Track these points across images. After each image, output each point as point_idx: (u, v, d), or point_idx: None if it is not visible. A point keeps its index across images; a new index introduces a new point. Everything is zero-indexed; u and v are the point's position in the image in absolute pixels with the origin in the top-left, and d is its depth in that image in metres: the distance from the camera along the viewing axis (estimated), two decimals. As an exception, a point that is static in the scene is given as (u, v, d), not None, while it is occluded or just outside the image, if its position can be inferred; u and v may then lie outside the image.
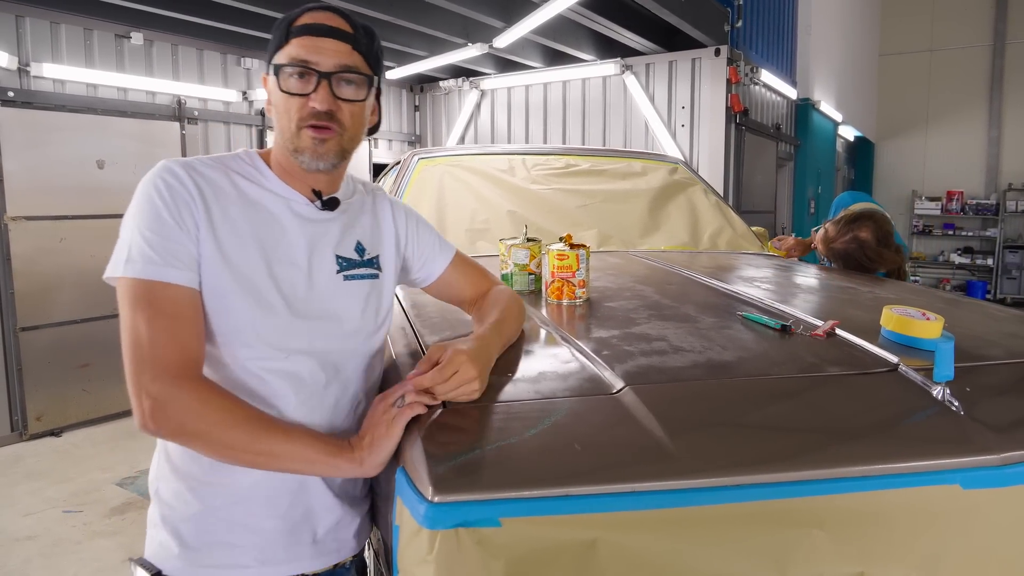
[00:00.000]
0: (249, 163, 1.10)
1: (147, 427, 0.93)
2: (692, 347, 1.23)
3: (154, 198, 0.98)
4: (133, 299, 0.95)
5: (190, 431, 0.93)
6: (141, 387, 0.92)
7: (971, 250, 11.42)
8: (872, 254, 2.28)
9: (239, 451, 0.95)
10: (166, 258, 0.96)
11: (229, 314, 1.00)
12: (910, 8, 11.77)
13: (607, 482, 0.86)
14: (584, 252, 1.52)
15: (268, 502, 1.05)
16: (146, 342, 0.93)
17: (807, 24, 7.63)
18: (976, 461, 0.95)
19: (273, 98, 1.05)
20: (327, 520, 1.11)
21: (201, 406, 0.93)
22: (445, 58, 5.94)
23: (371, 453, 0.98)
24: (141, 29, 5.01)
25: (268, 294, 1.02)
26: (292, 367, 1.04)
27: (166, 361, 0.93)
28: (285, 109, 1.03)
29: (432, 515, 0.82)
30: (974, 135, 11.43)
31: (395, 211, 1.24)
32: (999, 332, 1.47)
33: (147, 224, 0.97)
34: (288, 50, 1.02)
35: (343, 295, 1.10)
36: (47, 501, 3.66)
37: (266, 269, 1.03)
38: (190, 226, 0.98)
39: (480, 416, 1.00)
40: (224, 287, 1.00)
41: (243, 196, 1.05)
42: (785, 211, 7.53)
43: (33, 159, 4.48)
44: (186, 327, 0.96)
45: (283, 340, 1.03)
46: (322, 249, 1.09)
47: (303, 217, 1.08)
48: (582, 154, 2.86)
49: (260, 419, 0.97)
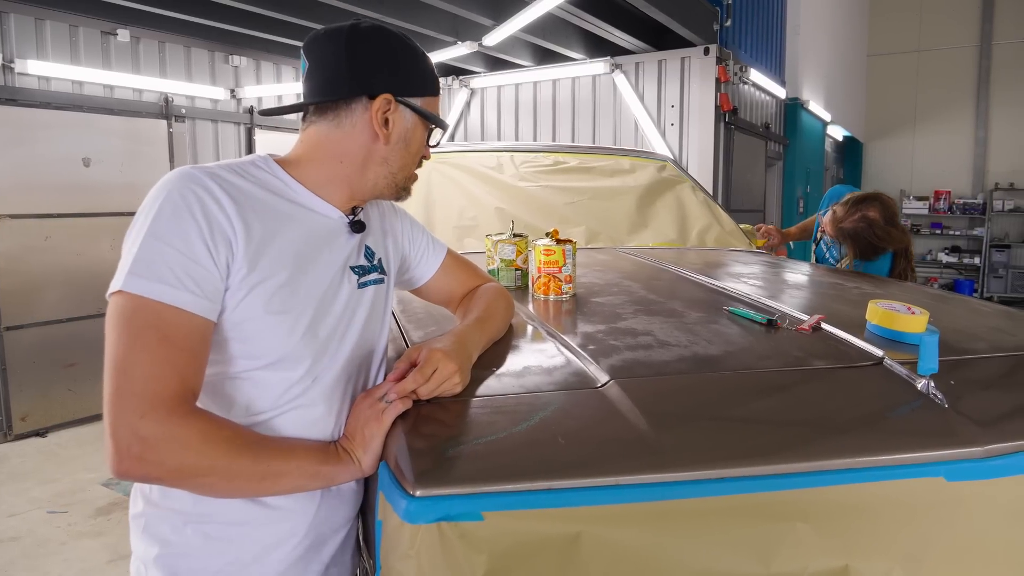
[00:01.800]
0: (271, 173, 1.02)
1: (130, 473, 0.81)
2: (678, 341, 1.23)
3: (182, 212, 0.87)
4: (132, 321, 0.83)
5: (189, 471, 0.84)
6: (126, 426, 0.80)
7: (959, 249, 11.51)
8: (881, 232, 2.38)
9: (243, 480, 0.88)
10: (184, 281, 0.85)
11: (270, 340, 0.93)
12: (898, 9, 11.84)
13: (591, 475, 0.86)
14: (570, 248, 1.52)
15: (278, 527, 0.99)
16: (140, 373, 0.82)
17: (796, 24, 7.66)
18: (960, 453, 0.95)
19: (409, 136, 1.06)
20: (335, 541, 1.06)
21: (202, 442, 0.84)
22: (434, 56, 5.91)
23: (366, 452, 0.96)
24: (128, 26, 4.97)
25: (312, 320, 0.97)
26: (322, 384, 1.00)
27: (161, 395, 0.82)
28: (414, 153, 1.09)
29: (413, 510, 0.82)
30: (961, 135, 11.51)
31: (390, 212, 1.23)
32: (984, 326, 1.48)
33: (167, 239, 0.86)
34: (436, 105, 1.09)
35: (363, 304, 1.07)
36: (32, 502, 3.62)
37: (307, 294, 0.97)
38: (223, 255, 0.89)
39: (464, 410, 0.99)
40: (259, 313, 0.92)
41: (277, 212, 0.98)
42: (774, 210, 7.56)
43: (18, 157, 4.43)
44: (191, 360, 0.86)
45: (320, 364, 0.99)
46: (345, 265, 1.06)
47: (333, 233, 1.05)
48: (570, 151, 2.85)
49: (259, 441, 0.92)
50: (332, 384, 1.02)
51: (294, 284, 0.96)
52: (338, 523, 1.06)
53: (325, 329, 1.00)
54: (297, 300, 0.96)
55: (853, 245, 2.44)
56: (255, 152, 1.12)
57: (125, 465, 0.81)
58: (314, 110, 1.04)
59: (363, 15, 4.66)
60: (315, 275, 1.00)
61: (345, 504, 1.05)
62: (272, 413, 0.97)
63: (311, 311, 0.98)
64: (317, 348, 0.98)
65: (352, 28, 1.03)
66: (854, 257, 2.50)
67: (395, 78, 1.03)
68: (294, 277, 0.96)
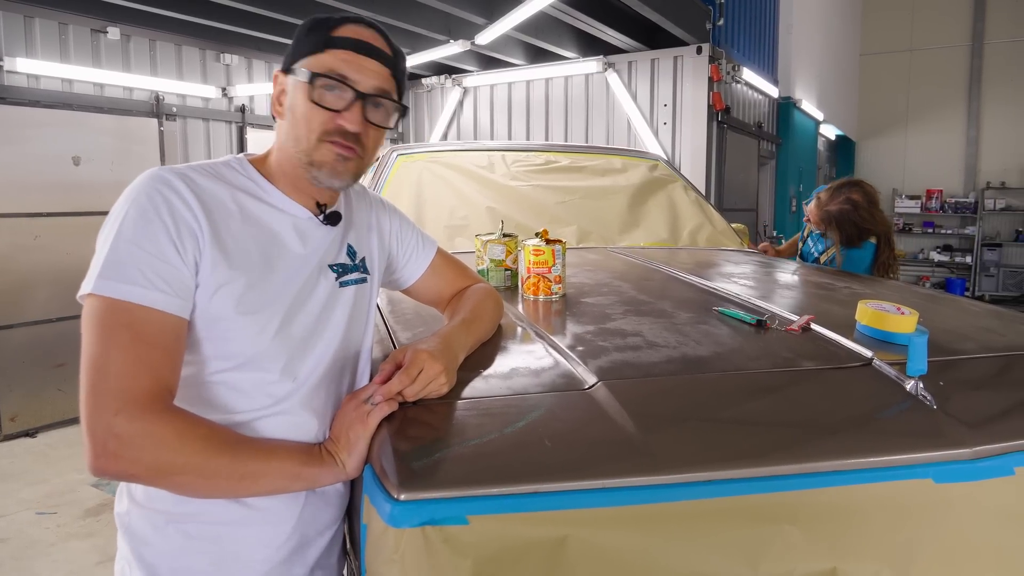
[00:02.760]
0: (243, 173, 1.01)
1: (106, 470, 0.81)
2: (667, 342, 1.22)
3: (149, 213, 0.88)
4: (105, 322, 0.84)
5: (165, 468, 0.84)
6: (102, 423, 0.81)
7: (950, 248, 11.55)
8: (865, 214, 2.52)
9: (221, 479, 0.87)
10: (154, 280, 0.86)
11: (241, 341, 0.93)
12: (890, 7, 11.88)
13: (577, 478, 0.85)
14: (560, 248, 1.51)
15: (261, 529, 0.98)
16: (114, 371, 0.82)
17: (789, 23, 7.68)
18: (948, 455, 0.95)
19: (294, 103, 0.98)
20: (320, 544, 1.05)
21: (177, 439, 0.84)
22: (427, 55, 5.90)
23: (350, 455, 0.95)
24: (118, 24, 4.94)
25: (284, 320, 0.96)
26: (299, 385, 0.99)
27: (135, 392, 0.82)
28: (307, 119, 0.97)
29: (397, 514, 0.81)
30: (953, 134, 11.56)
31: (379, 210, 1.21)
32: (974, 326, 1.48)
33: (136, 240, 0.86)
34: (325, 60, 0.96)
35: (341, 303, 1.06)
36: (21, 503, 3.59)
37: (277, 293, 0.96)
38: (190, 252, 0.89)
39: (450, 413, 0.98)
40: (230, 313, 0.92)
41: (246, 213, 0.97)
42: (767, 209, 7.57)
43: (7, 155, 4.39)
44: (165, 358, 0.86)
45: (296, 364, 0.98)
46: (323, 263, 1.04)
47: (305, 233, 1.03)
48: (562, 150, 2.84)
49: (239, 441, 0.91)
50: (315, 385, 1.01)
51: (263, 284, 0.95)
52: (323, 525, 1.05)
53: (300, 328, 0.99)
54: (267, 299, 0.95)
55: (839, 228, 2.54)
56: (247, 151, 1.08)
57: (102, 462, 0.81)
58: None
59: (354, 13, 4.64)
60: (286, 274, 0.99)
61: (330, 506, 1.05)
62: (254, 415, 0.96)
63: (283, 310, 0.97)
64: (292, 347, 0.98)
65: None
66: (840, 243, 2.56)
67: (289, 56, 1.01)
68: (263, 277, 0.96)
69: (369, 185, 2.64)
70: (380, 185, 2.48)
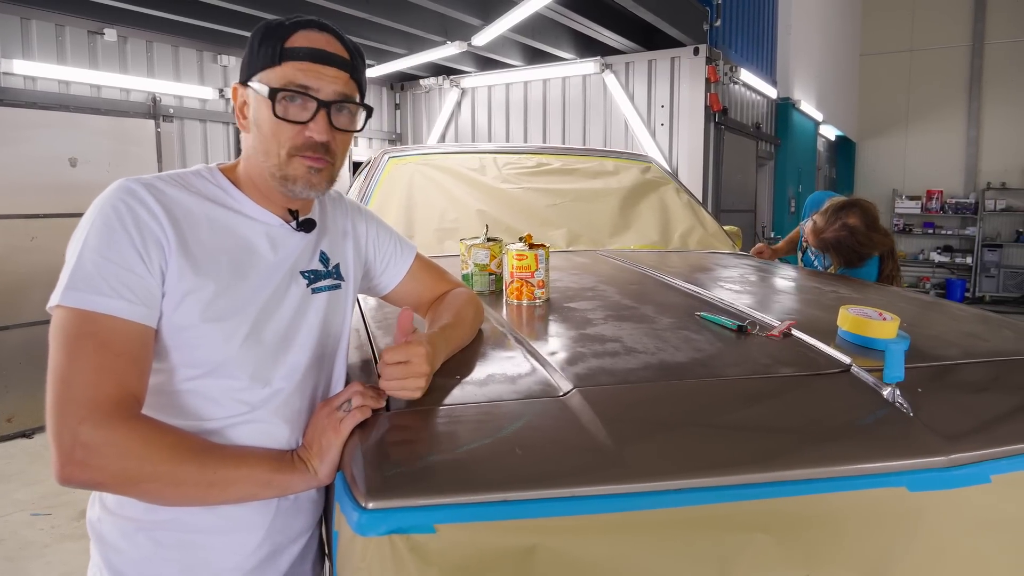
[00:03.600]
0: (213, 182, 1.02)
1: (73, 478, 0.82)
2: (645, 348, 1.22)
3: (114, 223, 0.89)
4: (70, 332, 0.85)
5: (132, 476, 0.84)
6: (67, 432, 0.81)
7: (951, 248, 11.54)
8: (863, 239, 2.34)
9: (189, 486, 0.87)
10: (119, 289, 0.86)
11: (208, 348, 0.93)
12: (890, 8, 11.86)
13: (547, 487, 0.85)
14: (543, 252, 1.51)
15: (232, 537, 0.98)
16: (80, 380, 0.83)
17: (787, 24, 7.67)
18: (923, 463, 0.94)
19: (259, 118, 0.97)
20: (292, 551, 1.05)
21: (144, 447, 0.84)
22: (424, 56, 5.91)
23: (322, 462, 0.95)
24: (115, 25, 4.94)
25: (253, 326, 0.96)
26: (272, 393, 0.99)
27: (101, 401, 0.83)
28: (275, 134, 0.96)
29: (364, 522, 0.81)
30: (953, 134, 11.54)
31: (355, 217, 1.20)
32: (958, 332, 1.47)
33: (101, 250, 0.87)
34: (284, 73, 0.95)
35: (313, 310, 1.05)
36: (15, 504, 3.59)
37: (247, 300, 0.96)
38: (156, 261, 0.90)
39: (423, 421, 0.98)
40: (196, 321, 0.92)
41: (214, 222, 0.97)
42: (766, 210, 7.56)
43: (4, 157, 4.40)
44: (131, 367, 0.87)
45: (267, 370, 0.98)
46: (294, 270, 1.04)
47: (277, 240, 1.03)
48: (554, 153, 2.84)
49: (208, 448, 0.91)
50: (290, 392, 1.01)
51: (231, 292, 0.95)
52: (296, 532, 1.04)
53: (270, 334, 0.99)
54: (235, 307, 0.95)
55: (836, 255, 2.40)
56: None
57: (68, 470, 0.82)
58: None
59: (348, 14, 4.64)
60: (256, 281, 0.99)
61: (303, 513, 1.04)
62: (225, 422, 0.96)
63: (252, 317, 0.97)
64: (261, 354, 0.97)
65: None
66: (840, 266, 2.49)
67: (245, 67, 1.00)
68: (231, 285, 0.96)
69: (360, 187, 2.64)
70: (371, 188, 2.48)
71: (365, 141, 7.22)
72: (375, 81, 7.15)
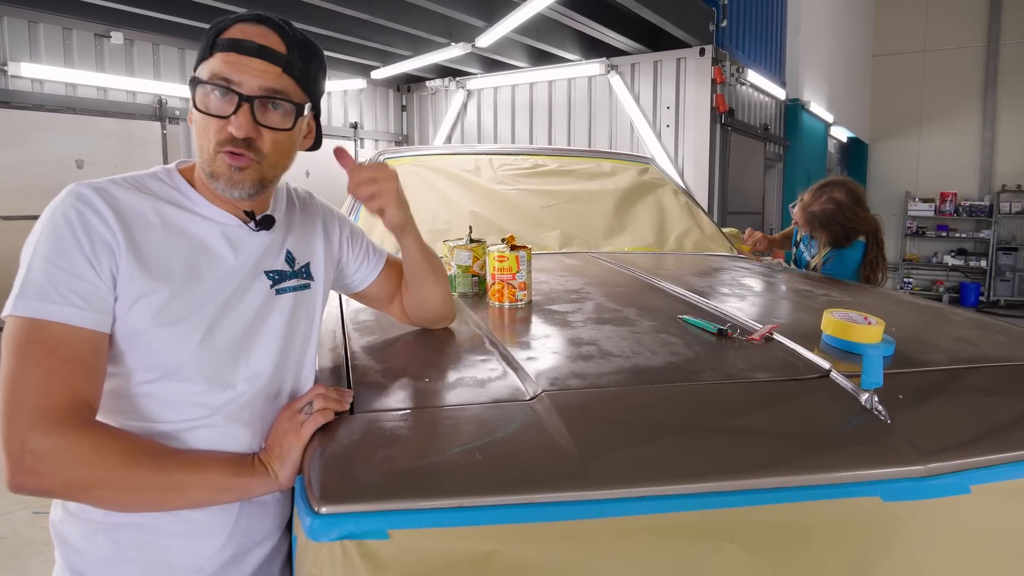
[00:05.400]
0: (170, 184, 1.00)
1: (24, 486, 0.81)
2: (621, 352, 1.20)
3: (63, 230, 0.88)
4: (20, 340, 0.84)
5: (83, 483, 0.83)
6: (16, 439, 0.81)
7: (965, 252, 11.38)
8: (849, 213, 2.45)
9: (144, 492, 0.87)
10: (68, 296, 0.86)
11: (162, 352, 0.92)
12: (904, 8, 11.73)
13: (504, 492, 0.83)
14: (524, 254, 1.49)
15: (193, 540, 0.96)
16: (28, 388, 0.82)
17: (796, 24, 7.60)
18: (898, 472, 0.92)
19: (192, 112, 0.96)
20: (259, 554, 1.03)
21: (95, 453, 0.83)
22: (429, 58, 5.91)
23: (283, 465, 0.94)
24: (121, 28, 4.99)
25: (208, 329, 0.95)
26: (234, 396, 0.98)
27: (50, 408, 0.82)
28: (203, 128, 0.94)
29: (316, 527, 0.80)
30: (968, 136, 11.39)
31: (327, 217, 1.19)
32: (949, 337, 1.44)
33: (50, 258, 0.86)
34: (211, 64, 0.93)
35: (278, 310, 1.04)
36: (18, 502, 3.62)
37: (201, 303, 0.95)
38: (106, 266, 0.89)
39: (386, 424, 0.96)
40: (148, 325, 0.91)
41: (168, 224, 0.96)
42: (774, 212, 7.50)
43: (11, 159, 4.46)
44: (82, 373, 0.86)
45: (226, 374, 0.97)
46: (257, 270, 1.03)
47: (236, 240, 1.01)
48: (550, 154, 2.82)
49: (164, 453, 0.90)
50: (251, 396, 1.00)
51: (185, 295, 0.94)
52: (262, 535, 1.03)
53: (226, 337, 0.97)
54: (190, 310, 0.94)
55: (823, 229, 2.49)
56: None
57: (19, 479, 0.81)
58: None
59: (353, 16, 4.65)
60: (214, 283, 0.97)
61: (267, 516, 1.03)
62: (182, 425, 0.95)
63: (207, 320, 0.95)
64: (218, 357, 0.96)
65: None
66: (827, 244, 2.52)
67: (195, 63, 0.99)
68: (185, 287, 0.94)
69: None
70: (365, 189, 2.47)
71: (371, 143, 7.23)
72: (381, 83, 7.16)
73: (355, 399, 1.02)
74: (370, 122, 7.22)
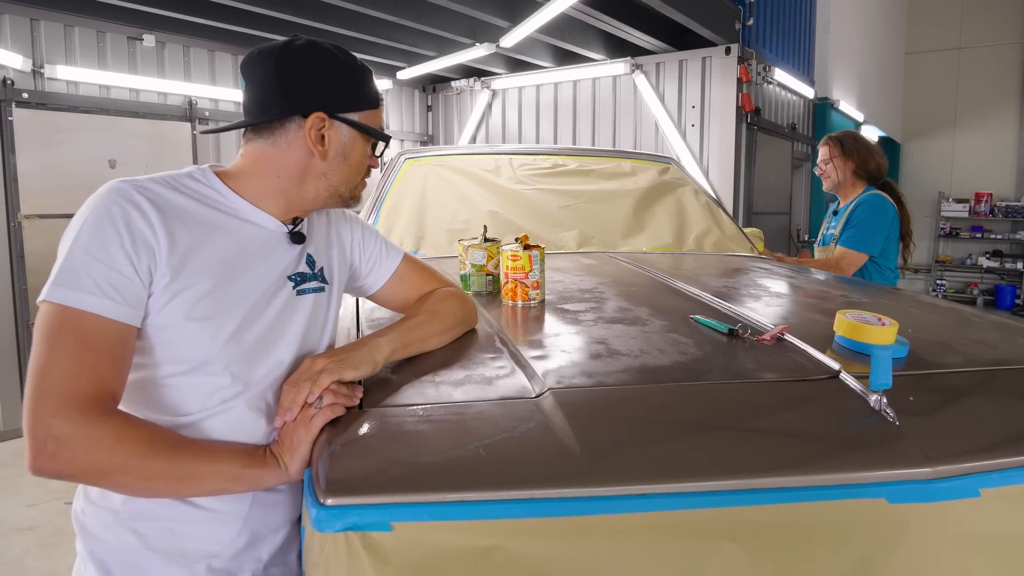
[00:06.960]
0: (206, 184, 1.04)
1: (44, 469, 0.84)
2: (630, 351, 1.20)
3: (105, 224, 0.91)
4: (52, 327, 0.87)
5: (102, 469, 0.86)
6: (41, 424, 0.83)
7: (1000, 253, 11.10)
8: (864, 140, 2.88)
9: (160, 479, 0.90)
10: (104, 288, 0.89)
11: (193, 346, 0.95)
12: (938, 5, 11.48)
13: (506, 487, 0.84)
14: (537, 253, 1.50)
15: (208, 526, 1.00)
16: (57, 375, 0.85)
17: (825, 22, 7.49)
18: (905, 474, 0.91)
19: (349, 152, 1.08)
20: (274, 541, 1.06)
21: (115, 441, 0.86)
22: (453, 58, 5.94)
23: (293, 458, 0.97)
24: (153, 31, 5.09)
25: (238, 327, 0.98)
26: (255, 391, 1.02)
27: (75, 396, 0.85)
28: (358, 166, 1.10)
29: (322, 518, 0.82)
30: (1004, 135, 11.10)
31: (339, 224, 1.23)
32: (966, 339, 1.42)
33: (90, 249, 0.89)
34: (376, 118, 1.11)
35: (299, 311, 1.08)
36: (51, 492, 3.73)
37: (234, 302, 0.99)
38: (144, 263, 0.92)
39: (393, 419, 0.98)
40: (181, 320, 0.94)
41: (209, 223, 1.00)
42: (802, 213, 7.39)
43: (46, 159, 4.57)
44: (109, 364, 0.89)
45: (249, 369, 1.00)
46: (283, 274, 1.07)
47: (270, 246, 1.06)
48: (570, 154, 2.83)
49: (180, 443, 0.93)
50: (267, 389, 1.03)
51: (220, 292, 0.97)
52: (276, 523, 1.06)
53: (253, 336, 1.01)
54: (222, 307, 0.97)
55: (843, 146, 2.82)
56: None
57: (40, 462, 0.84)
58: (251, 128, 1.06)
59: (378, 18, 4.69)
60: (246, 284, 1.01)
61: (280, 506, 1.06)
62: (200, 415, 0.98)
63: (238, 318, 0.99)
64: (242, 353, 1.00)
65: (284, 47, 1.04)
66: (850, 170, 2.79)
67: (328, 95, 1.04)
68: (220, 285, 0.98)
69: (376, 188, 2.66)
70: (387, 188, 2.50)
71: (397, 143, 7.29)
72: (407, 84, 7.22)
73: (364, 394, 1.04)
74: (396, 122, 7.27)
